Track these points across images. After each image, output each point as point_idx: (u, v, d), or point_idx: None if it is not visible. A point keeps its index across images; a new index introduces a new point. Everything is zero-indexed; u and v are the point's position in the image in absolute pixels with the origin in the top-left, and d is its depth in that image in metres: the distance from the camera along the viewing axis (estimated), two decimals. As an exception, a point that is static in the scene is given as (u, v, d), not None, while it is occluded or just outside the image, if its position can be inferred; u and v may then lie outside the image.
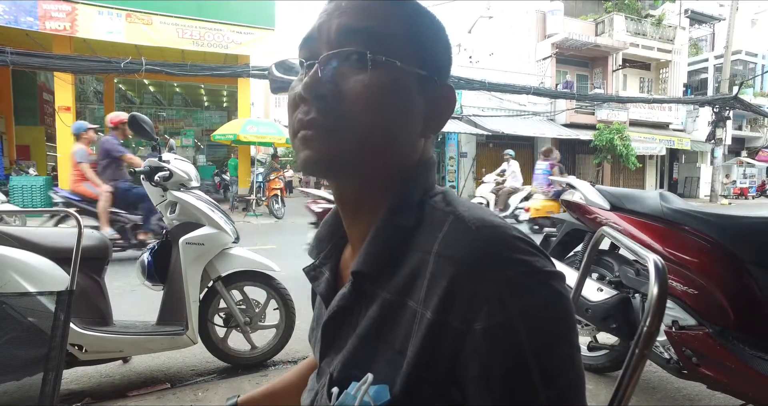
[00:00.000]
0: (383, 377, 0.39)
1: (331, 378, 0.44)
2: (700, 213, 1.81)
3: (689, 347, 1.66)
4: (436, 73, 0.46)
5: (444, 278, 0.37)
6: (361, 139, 0.42)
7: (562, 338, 0.37)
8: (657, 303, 0.44)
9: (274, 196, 9.70)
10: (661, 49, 18.13)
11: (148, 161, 2.20)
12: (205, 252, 2.15)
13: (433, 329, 0.37)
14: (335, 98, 0.42)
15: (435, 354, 0.37)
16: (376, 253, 0.43)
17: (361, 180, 0.46)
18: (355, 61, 0.42)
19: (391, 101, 0.42)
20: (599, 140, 15.09)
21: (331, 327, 0.47)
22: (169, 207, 2.23)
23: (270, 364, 2.40)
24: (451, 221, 0.41)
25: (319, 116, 0.42)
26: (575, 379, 0.37)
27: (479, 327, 0.35)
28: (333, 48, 0.43)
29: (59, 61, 8.42)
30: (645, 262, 0.52)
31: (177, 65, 9.11)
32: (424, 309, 0.38)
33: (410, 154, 0.47)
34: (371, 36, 0.42)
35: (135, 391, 2.05)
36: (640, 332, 0.43)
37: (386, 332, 0.41)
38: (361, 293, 0.44)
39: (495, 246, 0.37)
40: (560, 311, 0.37)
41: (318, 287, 0.52)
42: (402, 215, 0.44)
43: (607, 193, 2.15)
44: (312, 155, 0.43)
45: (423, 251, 0.41)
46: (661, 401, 2.00)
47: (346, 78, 0.42)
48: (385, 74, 0.42)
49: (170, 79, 12.34)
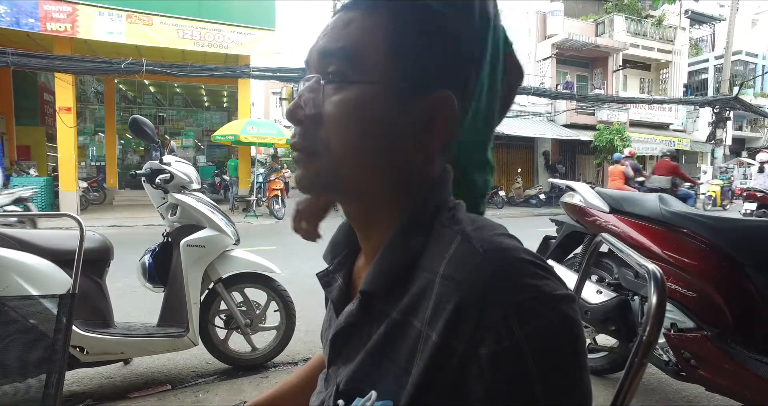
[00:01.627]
0: (389, 392, 0.39)
1: (338, 389, 0.44)
2: (699, 216, 1.82)
3: (688, 349, 1.66)
4: (424, 82, 0.43)
5: (450, 301, 0.37)
6: (336, 159, 0.43)
7: (570, 362, 0.36)
8: (656, 312, 0.44)
9: (275, 197, 9.70)
10: (661, 49, 18.13)
11: (149, 164, 2.21)
12: (206, 254, 2.16)
13: (438, 352, 0.37)
14: (312, 122, 0.43)
15: (439, 376, 0.37)
16: (383, 272, 0.43)
17: (359, 198, 0.47)
18: (330, 83, 0.43)
19: (367, 119, 0.42)
20: (599, 141, 15.08)
21: (340, 340, 0.47)
22: (170, 209, 2.23)
23: (270, 365, 2.41)
24: (458, 241, 0.40)
25: (299, 140, 0.44)
26: (581, 399, 0.37)
27: (485, 352, 0.35)
28: (313, 71, 0.45)
29: (60, 62, 8.43)
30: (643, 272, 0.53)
31: (177, 66, 9.12)
32: (430, 330, 0.38)
33: (406, 169, 0.45)
34: (343, 56, 0.42)
35: (136, 392, 2.06)
36: (639, 341, 0.44)
37: (392, 349, 0.41)
38: (369, 311, 0.44)
39: (502, 270, 0.37)
40: (568, 335, 0.36)
41: (331, 293, 0.52)
42: (411, 234, 0.43)
43: (607, 195, 2.15)
44: (300, 175, 0.46)
45: (430, 271, 0.40)
46: (660, 403, 2.01)
47: (325, 100, 0.43)
48: (357, 92, 0.42)
49: (170, 79, 12.34)
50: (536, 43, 16.77)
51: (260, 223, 9.04)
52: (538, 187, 15.08)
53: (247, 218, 9.62)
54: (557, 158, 16.97)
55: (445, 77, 0.45)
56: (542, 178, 16.35)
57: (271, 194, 9.82)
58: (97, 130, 15.27)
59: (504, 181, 15.92)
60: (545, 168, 16.46)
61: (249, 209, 10.15)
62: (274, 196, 9.73)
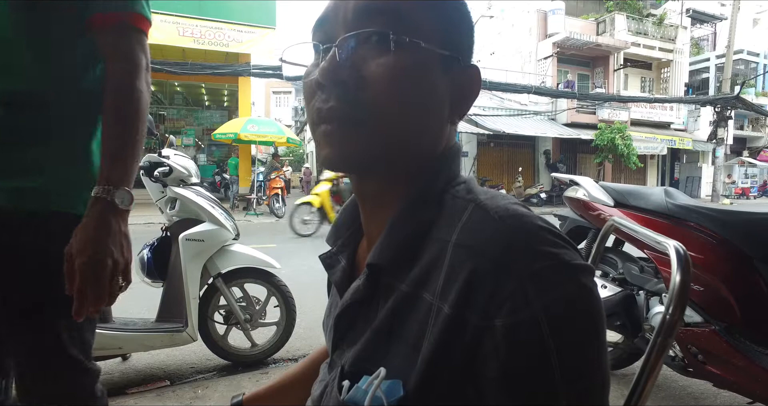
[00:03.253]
0: (397, 372, 0.37)
1: (342, 371, 0.42)
2: (706, 209, 1.79)
3: (695, 344, 1.64)
4: (460, 53, 0.43)
5: (463, 270, 0.35)
6: (387, 128, 0.39)
7: (589, 337, 0.34)
8: (680, 291, 0.42)
9: (275, 196, 9.70)
10: (662, 48, 18.10)
11: (148, 157, 2.18)
12: (205, 248, 2.13)
13: (450, 325, 0.35)
14: (356, 84, 0.39)
15: (451, 351, 0.35)
16: (393, 245, 0.41)
17: (386, 173, 0.43)
18: (376, 43, 0.39)
19: (417, 85, 0.40)
20: (600, 140, 15.07)
21: (344, 320, 0.45)
22: (168, 203, 2.21)
23: (270, 362, 2.38)
24: (471, 209, 0.38)
25: (338, 104, 0.39)
26: (601, 381, 0.35)
27: (500, 324, 0.33)
28: (351, 30, 0.40)
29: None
30: (665, 249, 0.50)
31: (178, 64, 9.11)
32: (441, 302, 0.36)
33: (438, 141, 0.44)
34: (391, 15, 0.39)
35: (134, 388, 2.03)
36: (663, 321, 0.41)
37: (401, 325, 0.39)
38: (376, 286, 0.42)
39: (519, 237, 0.35)
40: (588, 308, 0.34)
41: (333, 275, 0.50)
42: (421, 206, 0.41)
43: (611, 189, 2.12)
44: (335, 153, 0.40)
45: (441, 240, 0.38)
46: (666, 400, 1.98)
47: (366, 62, 0.39)
48: (408, 56, 0.39)
49: (171, 78, 12.33)
50: (537, 42, 16.75)
51: (260, 221, 9.02)
52: (539, 186, 15.06)
53: (248, 216, 9.60)
54: (558, 157, 16.95)
55: (470, 50, 0.45)
56: (543, 177, 16.34)
57: (271, 193, 9.82)
58: (97, 128, 15.23)
59: (505, 180, 15.90)
60: (546, 167, 16.44)
61: (249, 208, 10.14)
62: (275, 194, 9.73)
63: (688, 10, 19.54)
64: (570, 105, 15.58)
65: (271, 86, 32.01)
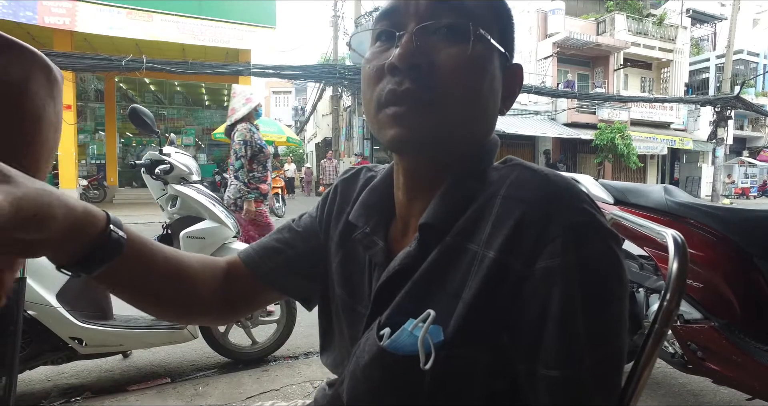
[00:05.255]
0: (436, 319, 0.39)
1: (379, 324, 0.43)
2: (706, 206, 1.79)
3: (694, 341, 1.64)
4: (510, 51, 0.47)
5: (510, 218, 0.38)
6: (453, 113, 0.42)
7: (612, 300, 0.37)
8: (677, 279, 0.42)
9: (275, 195, 9.71)
10: (662, 48, 18.10)
11: (149, 154, 2.19)
12: (206, 246, 2.13)
13: (494, 269, 0.38)
14: (430, 69, 0.41)
15: (492, 295, 0.38)
16: (444, 208, 0.44)
17: (444, 155, 0.46)
18: (449, 34, 0.42)
19: (482, 76, 0.43)
20: (600, 140, 15.07)
21: (391, 288, 0.45)
22: (169, 201, 2.21)
23: (271, 359, 2.38)
24: (519, 170, 0.42)
25: (414, 87, 0.41)
26: (618, 350, 0.37)
27: (539, 267, 0.36)
28: (424, 20, 0.43)
29: (60, 58, 8.40)
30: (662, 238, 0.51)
31: (178, 63, 9.10)
32: (486, 250, 0.39)
33: (489, 130, 0.48)
34: (464, 10, 0.43)
35: (135, 385, 2.04)
36: (660, 308, 0.42)
37: (442, 276, 0.41)
38: (427, 248, 0.43)
39: (563, 192, 0.38)
40: (615, 271, 0.37)
41: (374, 256, 0.50)
42: (469, 178, 0.45)
43: (611, 187, 2.13)
44: (404, 133, 0.42)
45: (489, 196, 0.41)
46: (665, 397, 1.98)
47: (439, 51, 0.42)
48: (480, 48, 0.43)
49: (171, 77, 12.33)
50: (537, 41, 16.74)
51: (260, 221, 9.02)
52: (539, 186, 15.05)
53: (248, 215, 9.60)
54: (558, 157, 16.95)
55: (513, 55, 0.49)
56: (543, 177, 16.30)
57: (271, 192, 9.82)
58: (98, 128, 15.25)
59: (505, 180, 15.88)
60: (546, 167, 16.45)
61: (249, 207, 10.13)
62: (275, 194, 9.73)
63: (688, 10, 19.54)
64: (570, 105, 15.58)
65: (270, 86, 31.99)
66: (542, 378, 0.36)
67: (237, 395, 1.92)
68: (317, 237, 0.59)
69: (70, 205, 0.36)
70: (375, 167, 0.60)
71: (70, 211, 0.36)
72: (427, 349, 0.37)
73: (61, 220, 0.35)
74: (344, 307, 0.52)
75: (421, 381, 0.38)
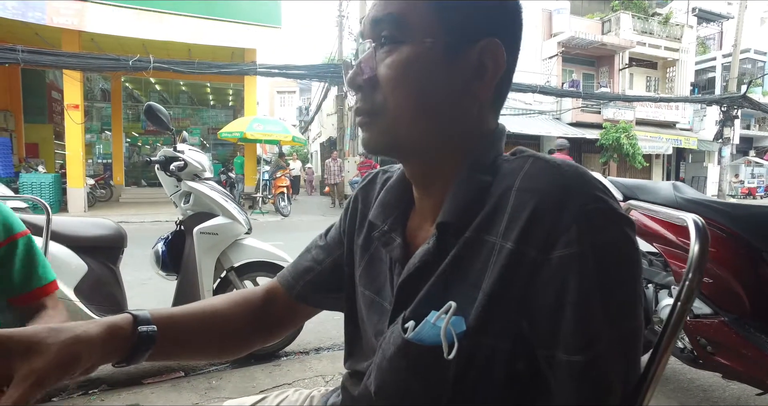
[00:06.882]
0: (458, 309, 0.41)
1: (404, 318, 0.45)
2: (715, 203, 1.81)
3: (704, 335, 1.65)
4: (470, 32, 0.44)
5: (526, 209, 0.39)
6: (395, 118, 0.45)
7: (628, 283, 0.38)
8: (698, 259, 0.45)
9: (281, 194, 9.75)
10: (668, 47, 18.00)
11: (163, 151, 2.22)
12: (219, 242, 2.17)
13: (511, 259, 0.39)
14: (370, 86, 0.46)
15: (511, 284, 0.39)
16: (459, 205, 0.45)
17: (420, 156, 0.48)
18: (381, 49, 0.46)
19: (416, 76, 0.44)
20: (605, 139, 15.01)
21: (412, 283, 0.46)
22: (183, 197, 2.25)
23: (282, 354, 2.41)
24: (531, 161, 0.43)
25: (362, 104, 0.47)
26: (636, 328, 0.38)
27: (555, 256, 0.37)
28: (366, 38, 0.47)
29: (69, 59, 8.49)
30: (683, 223, 0.53)
31: (184, 63, 9.16)
32: (504, 241, 0.40)
33: (465, 121, 0.47)
34: (391, 21, 0.45)
35: (150, 379, 2.07)
36: (683, 285, 0.44)
37: (463, 269, 0.43)
38: (445, 246, 0.45)
39: (575, 181, 0.39)
40: (629, 255, 0.38)
41: (392, 252, 0.52)
42: (478, 172, 0.46)
43: (620, 184, 2.14)
44: (366, 137, 0.48)
45: (503, 189, 0.43)
46: (675, 392, 2.00)
47: (380, 63, 0.46)
48: (406, 53, 0.44)
49: (177, 77, 12.41)
50: (542, 41, 16.69)
51: (266, 220, 9.06)
52: (544, 185, 15.00)
53: (253, 214, 9.64)
54: (563, 157, 16.88)
55: (490, 26, 0.46)
56: (548, 177, 16.25)
57: (276, 192, 9.86)
58: (104, 128, 15.35)
59: (509, 179, 15.84)
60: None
61: (255, 206, 10.19)
62: (280, 193, 9.77)
63: (694, 9, 19.43)
64: (575, 104, 15.53)
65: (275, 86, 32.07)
66: (563, 363, 0.37)
67: (250, 388, 1.95)
68: (341, 248, 0.62)
69: (93, 339, 0.44)
70: (390, 168, 0.62)
71: (94, 345, 0.44)
72: (450, 339, 0.39)
73: (87, 358, 0.43)
74: (371, 305, 0.54)
75: (445, 370, 0.40)
